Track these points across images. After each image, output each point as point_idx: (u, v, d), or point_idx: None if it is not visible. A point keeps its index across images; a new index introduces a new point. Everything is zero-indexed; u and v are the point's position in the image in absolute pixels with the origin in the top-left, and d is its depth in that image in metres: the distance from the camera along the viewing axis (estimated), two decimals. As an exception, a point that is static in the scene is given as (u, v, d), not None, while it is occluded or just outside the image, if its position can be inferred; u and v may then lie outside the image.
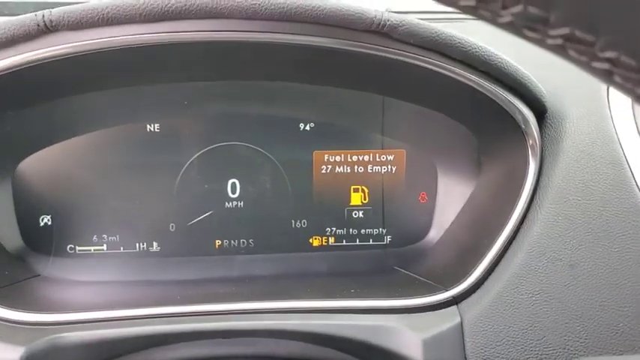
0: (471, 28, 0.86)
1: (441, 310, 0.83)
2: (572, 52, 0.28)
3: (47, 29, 0.72)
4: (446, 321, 0.81)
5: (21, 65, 0.75)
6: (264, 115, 1.03)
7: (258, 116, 1.03)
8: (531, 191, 0.85)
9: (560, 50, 0.29)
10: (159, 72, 0.90)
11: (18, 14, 0.72)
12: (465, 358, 0.79)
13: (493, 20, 0.30)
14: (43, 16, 0.71)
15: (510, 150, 0.90)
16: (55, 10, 0.71)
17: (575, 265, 0.81)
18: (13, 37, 0.72)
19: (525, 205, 0.85)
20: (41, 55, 0.74)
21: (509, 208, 0.86)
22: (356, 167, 1.06)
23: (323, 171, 1.05)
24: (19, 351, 0.75)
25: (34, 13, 0.71)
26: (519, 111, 0.85)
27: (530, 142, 0.86)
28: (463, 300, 0.83)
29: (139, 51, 0.75)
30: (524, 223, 0.84)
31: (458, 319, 0.81)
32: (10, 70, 0.75)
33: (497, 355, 0.78)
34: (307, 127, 1.04)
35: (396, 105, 1.02)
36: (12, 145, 0.97)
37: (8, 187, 0.98)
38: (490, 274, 0.83)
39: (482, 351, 0.79)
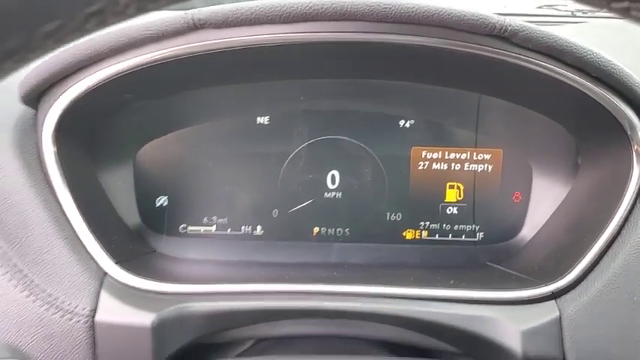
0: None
1: (539, 304, 0.85)
2: None
3: (195, 27, 0.79)
4: (545, 315, 0.83)
5: (165, 59, 0.82)
6: (367, 111, 1.08)
7: (362, 113, 1.08)
8: (635, 195, 0.87)
9: None
10: (282, 69, 0.97)
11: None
12: (564, 351, 0.81)
13: None
14: (193, 15, 0.78)
15: (613, 154, 0.92)
16: (204, 10, 0.78)
17: None
18: (163, 34, 0.80)
19: (628, 208, 0.86)
20: (185, 50, 0.81)
21: (611, 210, 0.87)
22: (453, 164, 1.10)
23: (420, 167, 1.10)
24: (151, 317, 0.82)
25: (183, 12, 0.78)
26: (627, 117, 0.87)
27: (636, 147, 0.88)
28: (562, 295, 0.85)
29: (272, 49, 0.82)
30: (627, 226, 0.86)
31: (557, 314, 0.83)
32: (155, 63, 0.83)
33: (596, 350, 0.81)
34: (407, 124, 1.09)
35: (493, 104, 1.06)
36: (136, 131, 1.06)
37: (130, 170, 1.07)
38: (590, 271, 0.85)
39: (581, 345, 0.81)
